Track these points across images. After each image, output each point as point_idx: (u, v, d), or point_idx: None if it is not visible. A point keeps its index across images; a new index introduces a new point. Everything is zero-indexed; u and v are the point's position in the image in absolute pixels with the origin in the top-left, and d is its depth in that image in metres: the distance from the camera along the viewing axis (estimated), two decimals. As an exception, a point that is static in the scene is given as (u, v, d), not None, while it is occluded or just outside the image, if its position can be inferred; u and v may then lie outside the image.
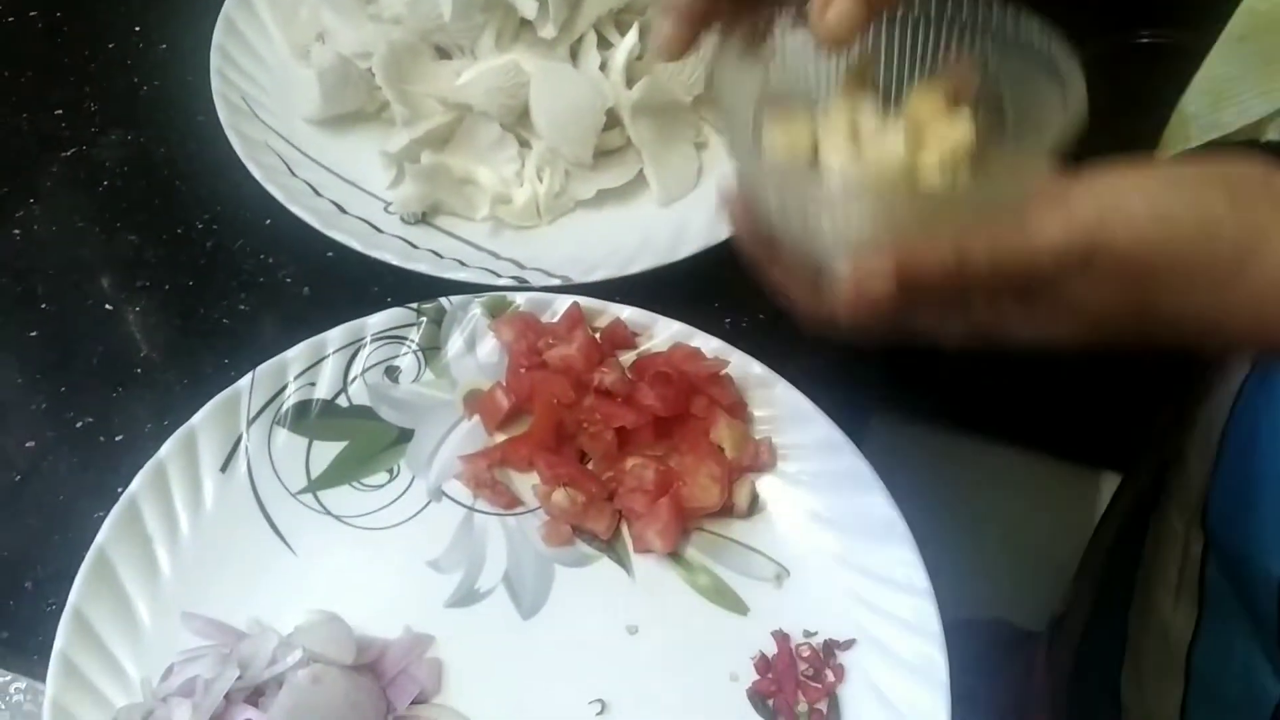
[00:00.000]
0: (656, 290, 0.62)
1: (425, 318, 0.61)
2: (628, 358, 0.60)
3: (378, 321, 0.60)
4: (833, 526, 0.55)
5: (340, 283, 0.64)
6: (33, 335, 0.63)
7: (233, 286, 0.65)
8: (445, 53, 0.70)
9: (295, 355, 0.59)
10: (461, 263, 0.64)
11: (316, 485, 0.57)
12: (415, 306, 0.61)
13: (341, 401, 0.59)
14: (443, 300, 0.61)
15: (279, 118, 0.69)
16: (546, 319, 0.61)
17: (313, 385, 0.59)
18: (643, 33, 0.69)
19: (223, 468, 0.56)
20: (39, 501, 0.58)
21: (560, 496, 0.56)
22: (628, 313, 0.61)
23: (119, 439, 0.60)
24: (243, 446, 0.57)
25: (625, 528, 0.56)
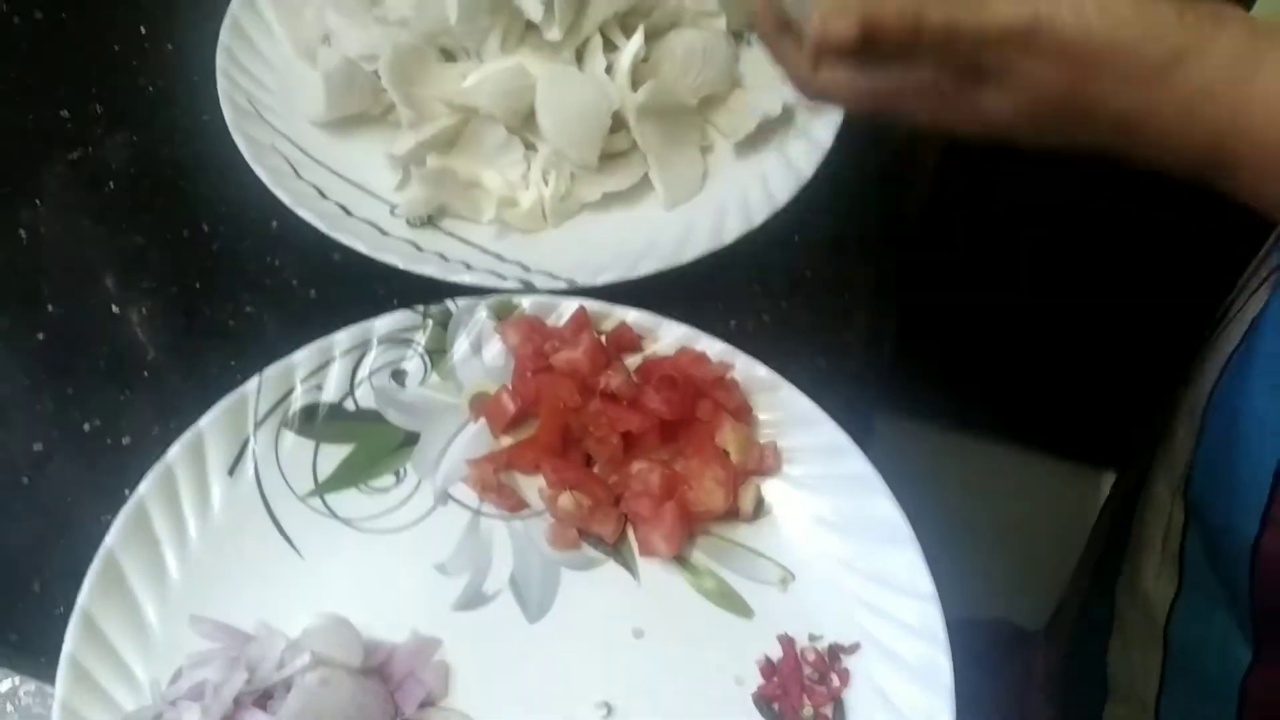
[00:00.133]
0: (661, 293, 0.62)
1: (431, 321, 0.61)
2: (633, 361, 0.60)
3: (384, 325, 0.60)
4: (838, 530, 0.56)
5: (346, 285, 0.64)
6: (39, 337, 0.63)
7: (239, 289, 0.65)
8: (451, 55, 0.70)
9: (302, 358, 0.59)
10: (467, 265, 0.64)
11: (323, 488, 0.57)
12: (421, 309, 0.61)
13: (348, 404, 0.59)
14: (449, 303, 0.61)
15: (285, 119, 0.69)
16: (552, 322, 0.61)
17: (319, 388, 0.59)
18: (648, 36, 0.69)
19: (230, 471, 0.56)
20: (46, 504, 0.58)
21: (566, 500, 0.56)
22: (633, 316, 0.61)
23: (126, 441, 0.60)
24: (250, 450, 0.57)
25: (631, 531, 0.56)
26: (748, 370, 0.59)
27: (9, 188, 0.69)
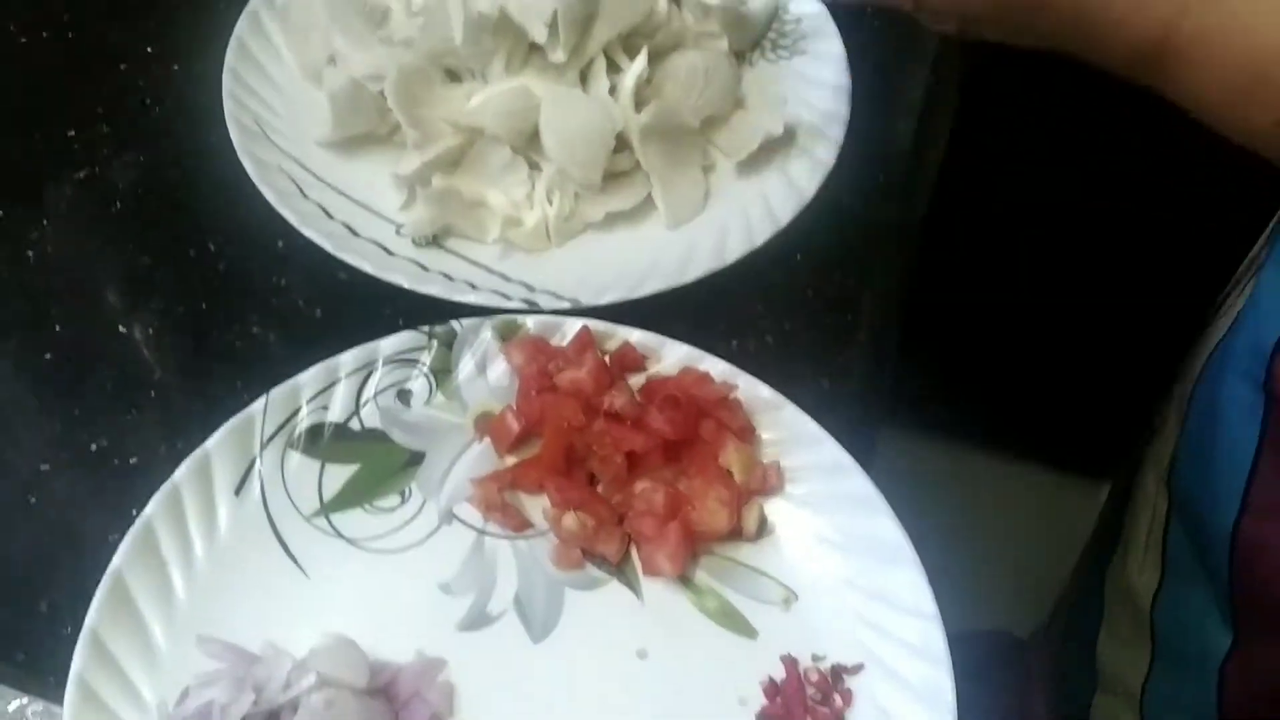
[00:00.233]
0: (665, 312, 0.63)
1: (436, 341, 0.61)
2: (637, 380, 0.61)
3: (390, 345, 0.61)
4: (840, 550, 0.56)
5: (352, 305, 0.65)
6: (46, 357, 0.64)
7: (245, 308, 0.65)
8: (456, 76, 0.70)
9: (308, 379, 0.59)
10: (472, 285, 0.64)
11: (329, 508, 0.57)
12: (427, 330, 0.61)
13: (354, 424, 0.59)
14: (454, 323, 0.61)
15: (291, 140, 0.70)
16: (556, 342, 0.61)
17: (325, 408, 0.59)
18: (651, 57, 0.69)
19: (236, 491, 0.57)
20: (54, 524, 0.58)
21: (570, 520, 0.56)
22: (636, 335, 0.61)
23: (133, 461, 0.60)
24: (256, 470, 0.57)
25: (635, 551, 0.57)
26: (750, 390, 0.59)
27: (16, 207, 0.70)
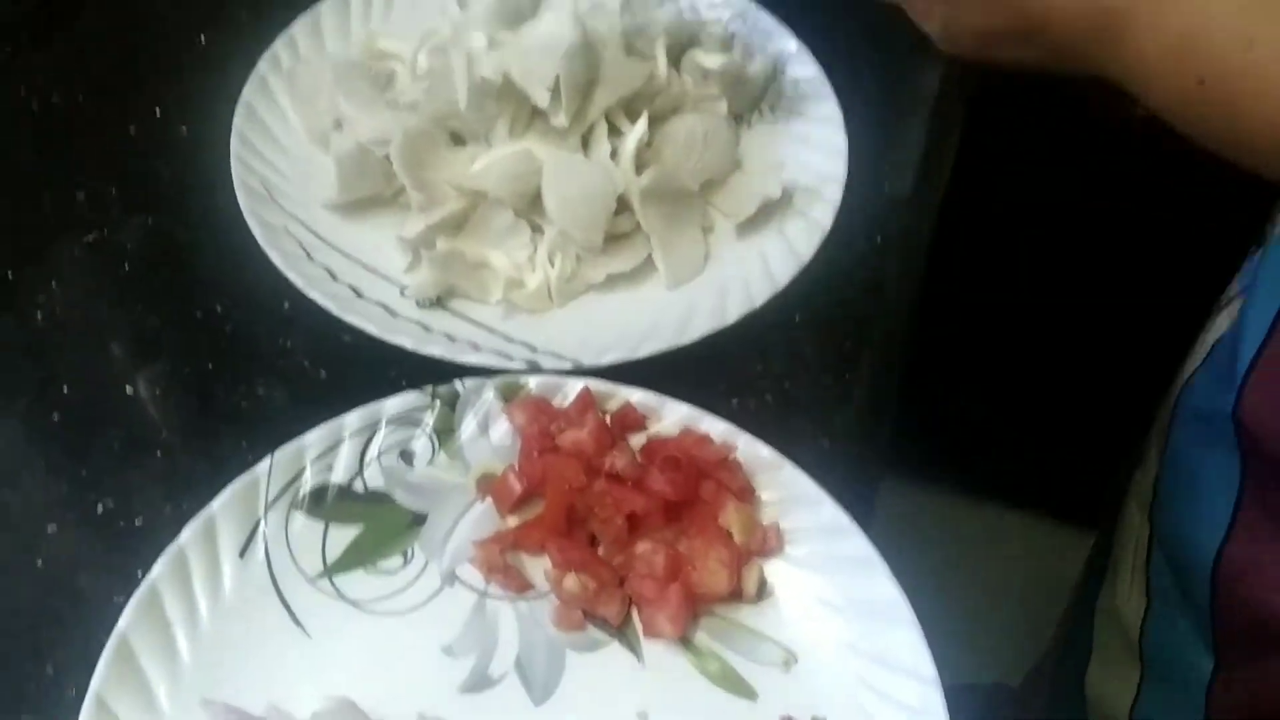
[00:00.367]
0: (666, 372, 0.64)
1: (439, 401, 0.62)
2: (638, 440, 0.61)
3: (393, 406, 0.61)
4: (840, 611, 0.56)
5: (356, 365, 0.65)
6: (54, 418, 0.64)
7: (251, 370, 0.66)
8: (460, 139, 0.72)
9: (313, 440, 0.60)
10: (475, 346, 0.65)
11: (332, 570, 0.58)
12: (430, 390, 0.62)
13: (357, 486, 0.60)
14: (457, 383, 0.62)
15: (297, 202, 0.71)
16: (558, 402, 0.62)
17: (329, 469, 0.60)
18: (651, 121, 0.71)
19: (241, 553, 0.57)
20: (60, 586, 0.59)
21: (572, 582, 0.57)
22: (637, 396, 0.62)
23: (138, 522, 0.61)
24: (261, 531, 0.58)
25: (636, 612, 0.57)
26: (750, 450, 0.60)
27: (26, 269, 0.71)
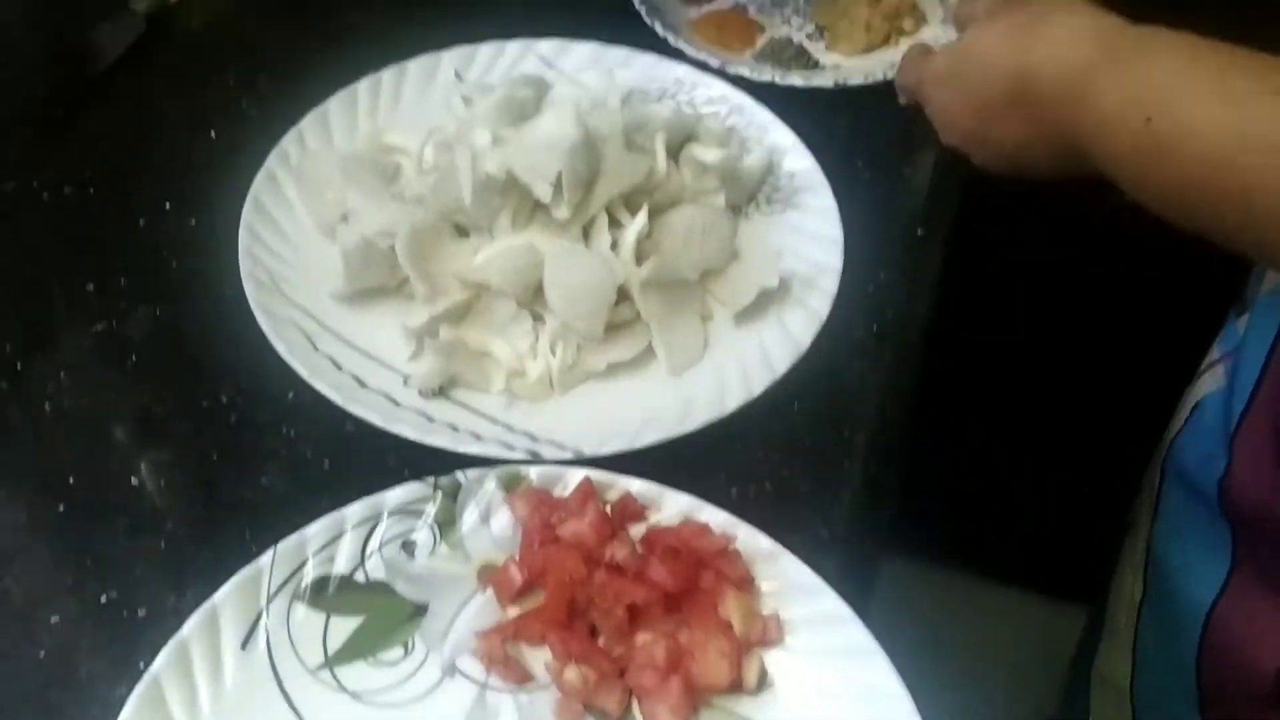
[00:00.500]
0: (666, 461, 0.64)
1: (441, 492, 0.62)
2: (638, 530, 0.62)
3: (395, 497, 0.62)
4: (839, 702, 0.56)
5: (359, 455, 0.66)
6: (60, 509, 0.65)
7: (255, 460, 0.67)
8: (464, 231, 0.73)
9: (315, 531, 0.60)
10: (477, 436, 0.66)
11: (334, 661, 0.58)
12: (432, 481, 0.62)
13: (359, 577, 0.60)
14: (458, 474, 0.63)
15: (303, 293, 0.72)
16: (558, 492, 0.63)
17: (331, 561, 0.60)
18: (651, 213, 0.72)
19: (243, 645, 0.57)
20: (63, 677, 0.59)
21: (573, 673, 0.57)
22: (637, 485, 0.63)
23: (141, 613, 0.61)
24: (263, 623, 0.58)
25: (636, 704, 0.57)
26: (750, 540, 0.61)
27: (35, 359, 0.72)
